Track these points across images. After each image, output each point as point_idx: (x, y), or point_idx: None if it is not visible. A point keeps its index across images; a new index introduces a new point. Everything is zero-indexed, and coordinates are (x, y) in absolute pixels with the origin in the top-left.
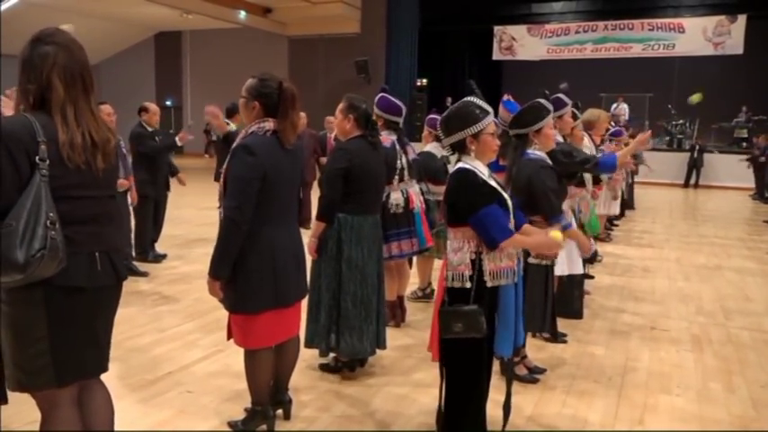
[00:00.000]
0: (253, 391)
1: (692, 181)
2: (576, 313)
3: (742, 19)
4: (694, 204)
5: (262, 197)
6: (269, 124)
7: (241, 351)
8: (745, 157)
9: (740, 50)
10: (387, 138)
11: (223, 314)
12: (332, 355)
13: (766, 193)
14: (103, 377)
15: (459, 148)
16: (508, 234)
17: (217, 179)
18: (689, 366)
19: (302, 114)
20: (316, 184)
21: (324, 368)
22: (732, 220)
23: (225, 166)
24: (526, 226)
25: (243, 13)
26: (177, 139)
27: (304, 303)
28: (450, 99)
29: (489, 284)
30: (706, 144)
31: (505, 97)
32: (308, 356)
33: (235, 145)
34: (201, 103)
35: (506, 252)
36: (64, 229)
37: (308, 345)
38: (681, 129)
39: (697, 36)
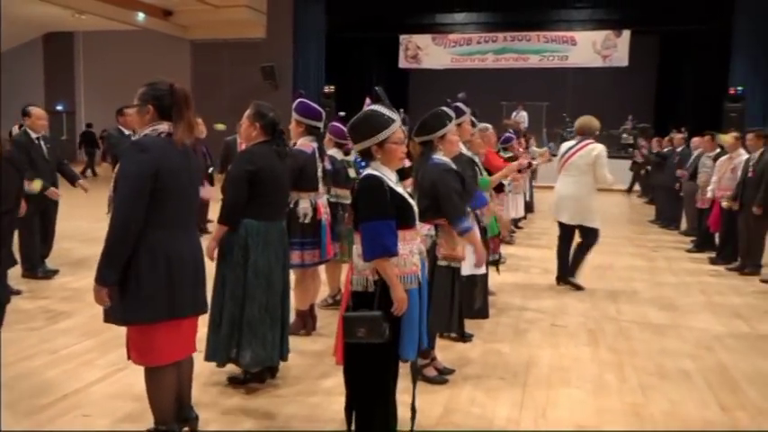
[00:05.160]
0: (156, 411)
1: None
2: (482, 313)
3: (626, 34)
4: None
5: (156, 199)
6: (163, 126)
7: (142, 369)
8: (638, 159)
9: (625, 63)
10: (309, 144)
11: (122, 331)
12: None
13: (649, 194)
14: None
15: (368, 156)
16: (379, 254)
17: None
18: (586, 359)
19: (199, 121)
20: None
21: (232, 381)
22: (621, 220)
23: (116, 169)
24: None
25: (141, 15)
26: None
27: (203, 318)
28: (343, 113)
29: None
30: None
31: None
32: (209, 371)
33: (126, 146)
34: (96, 108)
35: (411, 258)
36: None
37: (211, 358)
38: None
39: (587, 49)
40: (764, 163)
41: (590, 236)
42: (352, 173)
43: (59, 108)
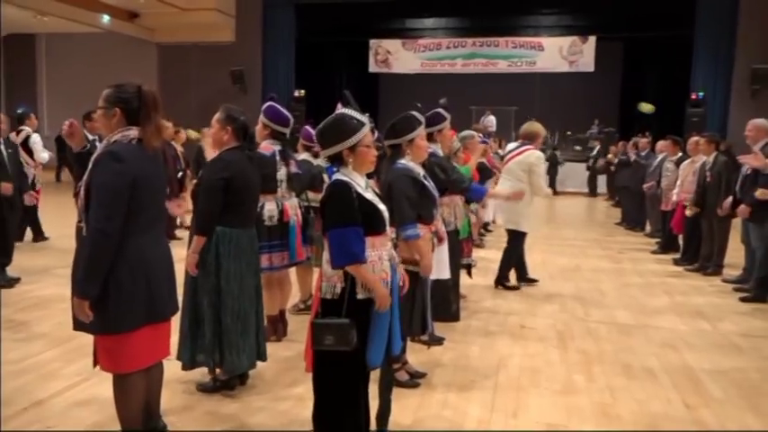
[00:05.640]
0: (123, 420)
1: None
2: (453, 316)
3: (592, 40)
4: (555, 209)
5: (133, 206)
6: (133, 132)
7: (109, 377)
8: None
9: (591, 68)
10: (268, 147)
11: (88, 339)
12: (209, 375)
13: (616, 197)
14: None
15: (337, 161)
16: (347, 261)
17: (77, 195)
18: (555, 361)
19: (168, 124)
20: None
21: (201, 388)
22: (588, 223)
23: (85, 178)
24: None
25: (106, 18)
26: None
27: (176, 324)
28: (311, 123)
29: (360, 297)
30: (556, 155)
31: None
32: (183, 377)
33: (98, 153)
34: (60, 112)
35: (380, 265)
36: None
37: (190, 365)
38: (543, 140)
39: (554, 54)
40: (720, 166)
41: (515, 241)
42: (327, 178)
43: (20, 111)
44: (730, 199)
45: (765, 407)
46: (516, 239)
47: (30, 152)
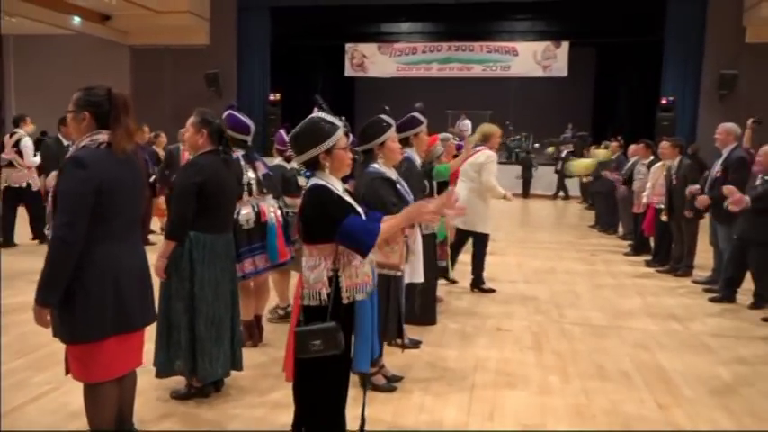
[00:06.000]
0: (95, 429)
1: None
2: (428, 319)
3: (565, 45)
4: (530, 213)
5: (100, 213)
6: (102, 136)
7: (80, 386)
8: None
9: (565, 73)
10: (234, 152)
11: (58, 347)
12: (184, 382)
13: (588, 201)
14: None
15: (313, 165)
16: (376, 231)
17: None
18: (530, 362)
19: (146, 129)
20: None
21: (176, 396)
22: (563, 226)
23: (53, 184)
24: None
25: (77, 19)
26: None
27: (151, 331)
28: (286, 127)
29: (346, 301)
30: (531, 159)
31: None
32: (157, 385)
33: (64, 159)
34: (30, 115)
35: (362, 269)
36: None
37: (164, 373)
38: (518, 143)
39: (529, 59)
40: (685, 169)
41: (479, 243)
42: (302, 181)
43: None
44: (706, 198)
45: (735, 405)
46: (479, 242)
47: (22, 155)
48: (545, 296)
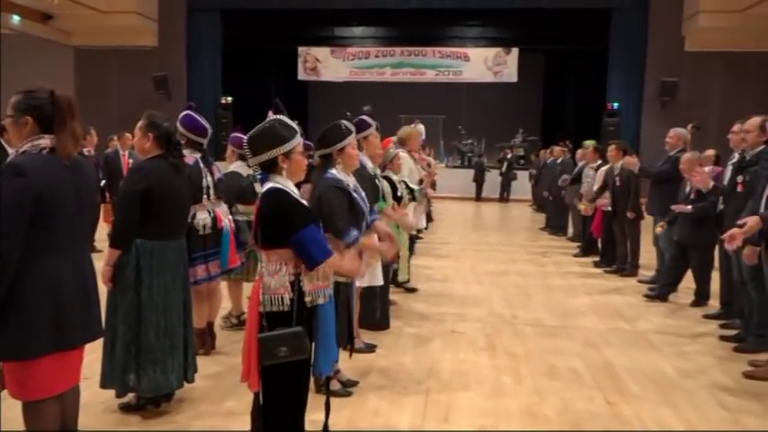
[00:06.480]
0: None
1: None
2: (382, 323)
3: (515, 52)
4: (483, 216)
5: (40, 224)
6: (44, 141)
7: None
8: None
9: (515, 79)
10: (190, 156)
11: None
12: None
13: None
14: None
15: (269, 168)
16: (328, 253)
17: None
18: (484, 364)
19: (93, 132)
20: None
21: (124, 408)
22: (515, 228)
23: None
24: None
25: (16, 18)
26: None
27: (94, 344)
28: (239, 129)
29: (309, 305)
30: (483, 163)
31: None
32: (105, 398)
33: (3, 166)
34: None
35: (323, 272)
36: None
37: (105, 385)
38: (470, 148)
39: (480, 65)
40: (627, 172)
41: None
42: (258, 188)
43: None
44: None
45: (678, 400)
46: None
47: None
48: (498, 298)
